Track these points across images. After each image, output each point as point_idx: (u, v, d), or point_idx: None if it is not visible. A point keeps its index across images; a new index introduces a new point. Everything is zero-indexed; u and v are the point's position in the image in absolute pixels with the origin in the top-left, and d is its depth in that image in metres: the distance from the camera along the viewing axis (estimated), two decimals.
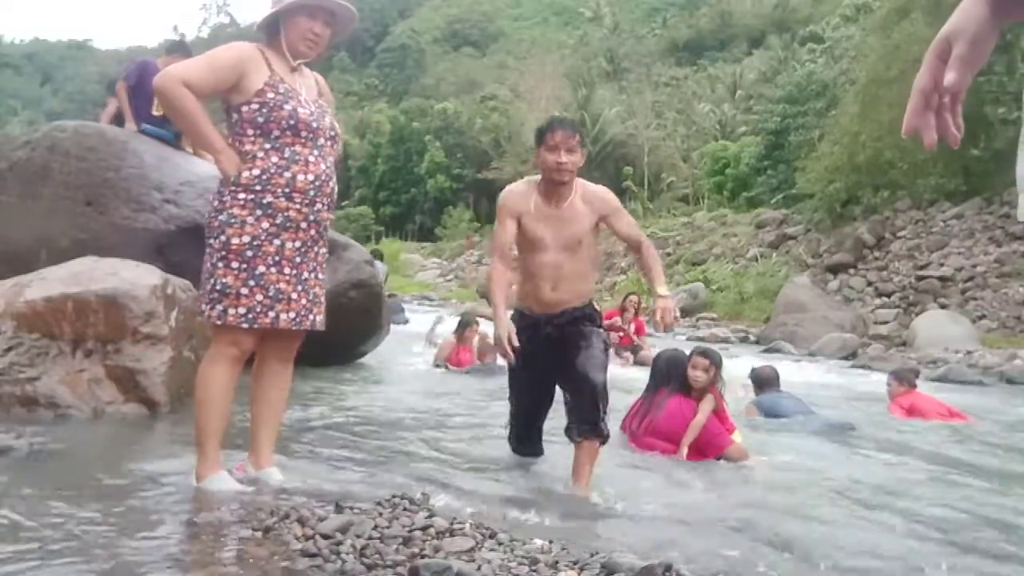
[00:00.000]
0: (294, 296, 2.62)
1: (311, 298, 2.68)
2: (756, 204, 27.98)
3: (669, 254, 24.79)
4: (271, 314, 2.57)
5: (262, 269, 2.55)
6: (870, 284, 18.21)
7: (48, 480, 2.61)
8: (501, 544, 2.17)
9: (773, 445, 4.67)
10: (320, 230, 2.69)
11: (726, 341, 14.25)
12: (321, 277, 2.75)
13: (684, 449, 4.08)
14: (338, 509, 2.33)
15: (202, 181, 5.35)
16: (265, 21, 2.68)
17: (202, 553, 2.04)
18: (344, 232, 12.19)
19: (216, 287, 2.54)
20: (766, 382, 5.92)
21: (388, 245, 37.99)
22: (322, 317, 2.75)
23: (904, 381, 6.44)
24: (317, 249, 2.70)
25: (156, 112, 5.49)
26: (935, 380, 9.36)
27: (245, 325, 2.54)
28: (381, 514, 2.30)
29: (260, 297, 2.55)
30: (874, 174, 19.94)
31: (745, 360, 8.89)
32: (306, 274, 2.66)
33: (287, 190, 2.57)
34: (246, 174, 2.55)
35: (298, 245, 2.62)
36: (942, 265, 17.07)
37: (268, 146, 2.57)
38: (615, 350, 8.44)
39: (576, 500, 3.04)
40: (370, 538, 2.10)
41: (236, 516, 2.28)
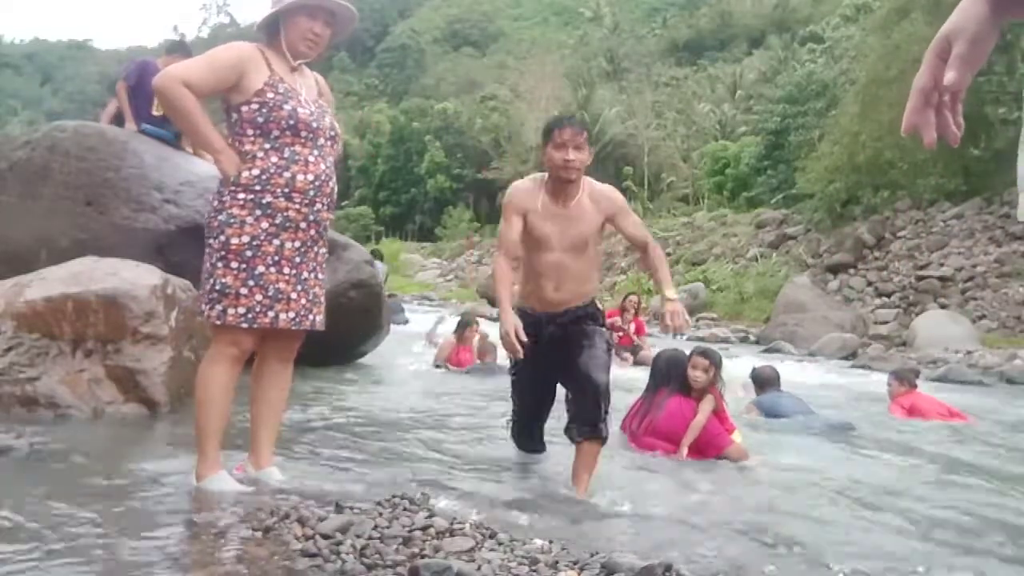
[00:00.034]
0: (293, 296, 2.62)
1: (311, 298, 2.68)
2: (756, 204, 27.99)
3: (669, 254, 24.71)
4: (270, 314, 2.57)
5: (261, 269, 2.55)
6: (870, 284, 18.21)
7: (48, 480, 2.61)
8: (501, 544, 2.17)
9: (773, 445, 4.67)
10: (320, 230, 2.69)
11: (726, 341, 14.24)
12: (321, 277, 2.75)
13: (684, 449, 4.08)
14: (338, 509, 2.33)
15: (202, 181, 5.35)
16: (265, 21, 2.68)
17: (202, 553, 2.04)
18: (344, 232, 12.19)
19: (215, 287, 2.54)
20: (767, 382, 5.92)
21: (388, 245, 37.99)
22: (322, 317, 2.75)
23: (905, 381, 6.44)
24: (317, 249, 2.70)
25: (156, 112, 5.49)
26: (935, 380, 9.36)
27: (244, 325, 2.54)
28: (381, 514, 2.30)
29: (259, 297, 2.55)
30: (874, 174, 19.94)
31: (745, 360, 8.89)
32: (306, 274, 2.66)
33: (286, 190, 2.57)
34: (246, 174, 2.55)
35: (297, 245, 2.62)
36: (942, 265, 17.07)
37: (268, 146, 2.57)
38: (615, 350, 8.43)
39: (576, 500, 3.04)
40: (370, 538, 2.10)
41: (236, 516, 2.28)
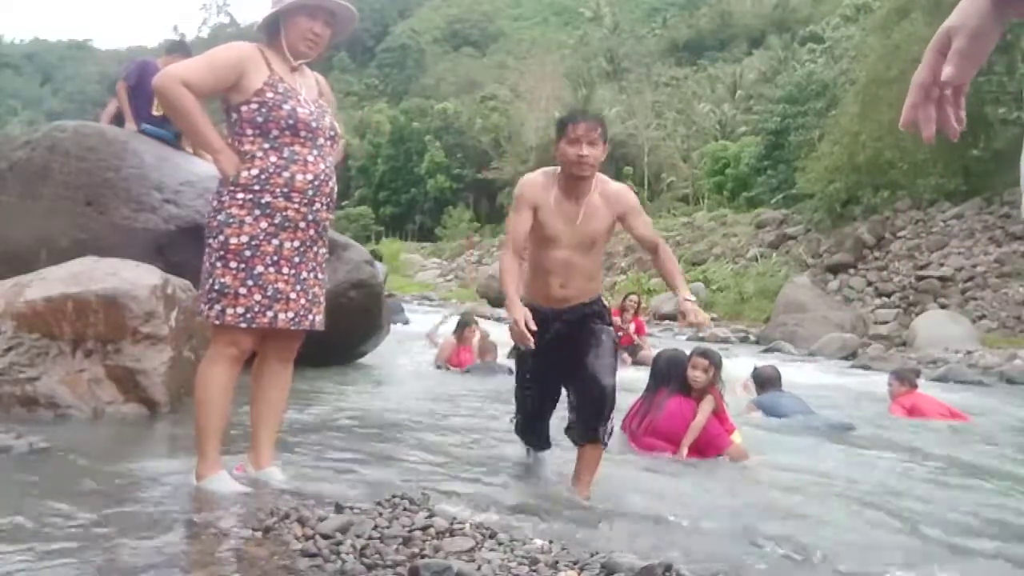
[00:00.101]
0: (292, 296, 2.61)
1: (310, 298, 2.68)
2: (756, 204, 28.02)
3: None
4: (269, 314, 2.57)
5: (260, 269, 2.55)
6: (870, 284, 18.23)
7: (48, 480, 2.61)
8: (501, 544, 2.17)
9: (773, 445, 4.67)
10: (319, 230, 2.68)
11: (726, 341, 14.23)
12: (321, 277, 2.74)
13: (684, 450, 4.08)
14: (338, 509, 2.33)
15: (202, 181, 5.35)
16: (265, 21, 2.67)
17: (202, 553, 2.04)
18: (344, 232, 12.17)
19: (215, 287, 2.54)
20: (767, 381, 5.93)
21: (388, 245, 38.02)
22: (321, 317, 2.74)
23: (905, 381, 6.45)
24: (316, 249, 2.70)
25: (156, 112, 5.50)
26: (935, 380, 9.36)
27: (243, 325, 2.54)
28: (381, 514, 2.30)
29: (258, 297, 2.55)
30: (874, 174, 19.96)
31: (745, 360, 8.89)
32: (305, 274, 2.66)
33: (285, 190, 2.56)
34: (245, 174, 2.55)
35: (297, 245, 2.61)
36: (942, 265, 17.08)
37: (267, 146, 2.57)
38: None
39: (576, 501, 3.03)
40: (370, 538, 2.10)
41: (236, 516, 2.28)
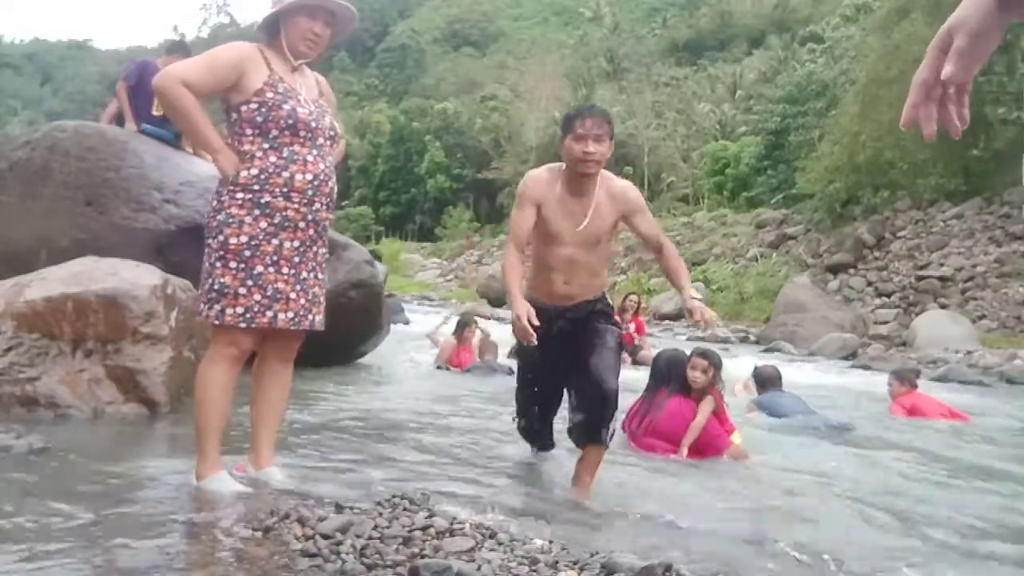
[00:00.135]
0: (292, 296, 2.61)
1: (310, 298, 2.68)
2: (756, 204, 28.04)
3: None
4: (269, 314, 2.57)
5: (260, 269, 2.55)
6: (870, 284, 18.23)
7: (48, 480, 2.61)
8: (501, 544, 2.17)
9: (773, 445, 4.67)
10: (319, 230, 2.68)
11: (726, 341, 14.24)
12: (321, 277, 2.74)
13: (684, 450, 4.08)
14: (338, 509, 2.33)
15: (202, 181, 5.35)
16: (265, 21, 2.67)
17: (202, 553, 2.04)
18: (344, 232, 12.16)
19: (214, 287, 2.54)
20: (768, 381, 5.93)
21: (388, 245, 38.04)
22: (321, 317, 2.74)
23: (906, 381, 6.45)
24: (316, 249, 2.70)
25: (156, 112, 5.50)
26: (935, 380, 9.37)
27: (243, 325, 2.54)
28: (381, 514, 2.29)
29: (258, 297, 2.54)
30: (874, 174, 19.98)
31: (745, 360, 8.89)
32: (305, 274, 2.66)
33: (285, 190, 2.56)
34: (244, 174, 2.55)
35: (296, 245, 2.61)
36: (942, 265, 17.09)
37: (267, 146, 2.57)
38: None
39: (576, 501, 3.03)
40: (370, 538, 2.10)
41: (236, 516, 2.28)
